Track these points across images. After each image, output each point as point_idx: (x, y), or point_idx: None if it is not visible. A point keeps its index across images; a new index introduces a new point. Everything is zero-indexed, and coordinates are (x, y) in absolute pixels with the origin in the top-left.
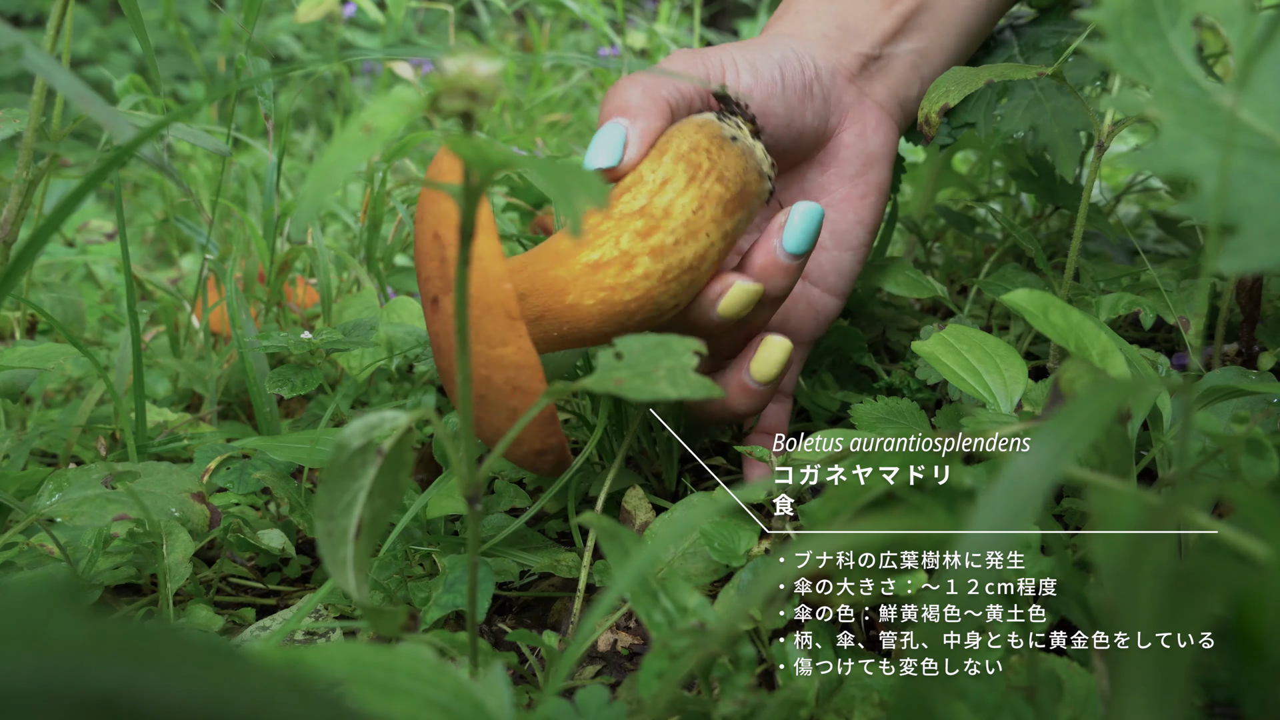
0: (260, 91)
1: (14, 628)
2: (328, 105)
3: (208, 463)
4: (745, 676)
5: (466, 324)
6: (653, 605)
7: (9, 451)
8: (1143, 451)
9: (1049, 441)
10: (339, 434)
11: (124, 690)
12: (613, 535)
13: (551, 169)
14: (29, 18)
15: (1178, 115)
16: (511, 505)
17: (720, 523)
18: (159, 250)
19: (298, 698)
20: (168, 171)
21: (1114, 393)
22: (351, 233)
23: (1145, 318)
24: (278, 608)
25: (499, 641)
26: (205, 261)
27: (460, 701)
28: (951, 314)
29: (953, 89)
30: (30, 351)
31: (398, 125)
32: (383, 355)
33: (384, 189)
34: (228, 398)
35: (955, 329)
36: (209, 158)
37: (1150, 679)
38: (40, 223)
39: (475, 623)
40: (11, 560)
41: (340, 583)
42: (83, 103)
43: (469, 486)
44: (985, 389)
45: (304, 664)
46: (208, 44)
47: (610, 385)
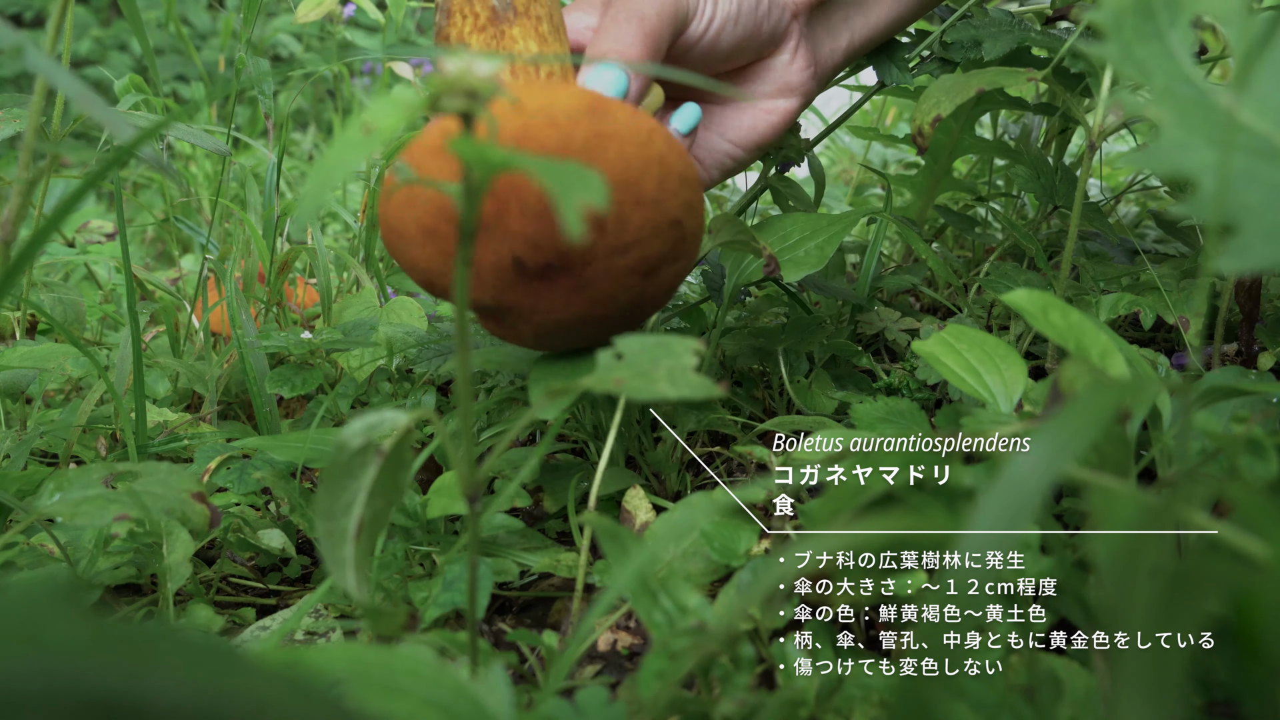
0: (260, 91)
1: (14, 628)
2: (328, 105)
3: (208, 463)
4: (745, 676)
5: (466, 324)
6: (652, 605)
7: (9, 451)
8: (1143, 451)
9: (1049, 441)
10: (339, 434)
11: (124, 690)
12: (612, 535)
13: (551, 168)
14: (29, 18)
15: (1177, 116)
16: (511, 505)
17: (720, 522)
18: (159, 250)
19: (298, 698)
20: (168, 171)
21: (1114, 392)
22: (351, 233)
23: (1145, 318)
24: (278, 608)
25: (499, 641)
26: (205, 261)
27: (460, 701)
28: (951, 314)
29: (943, 99)
30: (30, 351)
31: (398, 125)
32: (382, 355)
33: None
34: (228, 398)
35: (955, 329)
36: (209, 158)
37: (1147, 678)
38: (40, 223)
39: (475, 622)
40: (11, 560)
41: (340, 583)
42: (83, 103)
43: (469, 486)
44: (985, 389)
45: (304, 664)
46: (208, 44)
47: (610, 385)
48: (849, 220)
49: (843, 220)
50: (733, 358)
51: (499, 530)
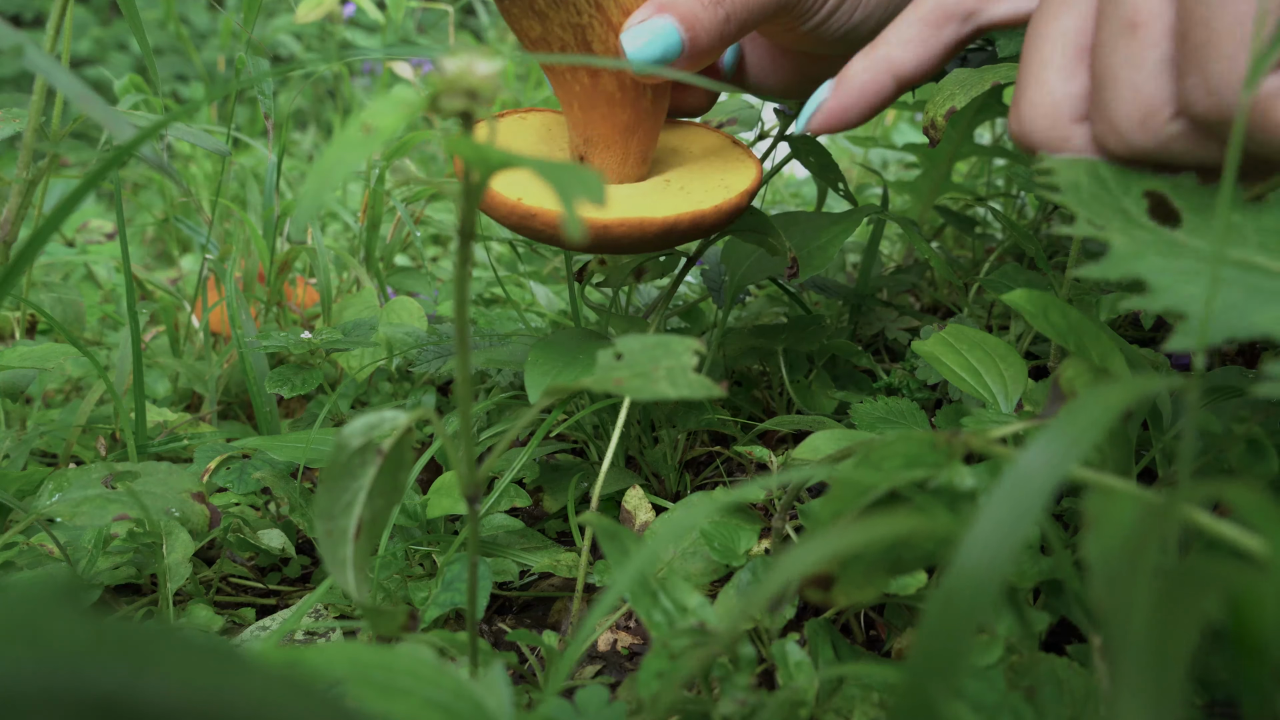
0: (260, 91)
1: (14, 628)
2: (328, 105)
3: (208, 463)
4: (745, 676)
5: (466, 324)
6: (653, 605)
7: (9, 451)
8: (1143, 451)
9: (1055, 441)
10: (339, 434)
11: (124, 690)
12: (612, 535)
13: (551, 168)
14: (29, 18)
15: (1128, 239)
16: (512, 505)
17: (720, 522)
18: (159, 250)
19: (298, 698)
20: (167, 171)
21: (1120, 391)
22: (351, 233)
23: (1145, 318)
24: (278, 608)
25: (499, 641)
26: (205, 261)
27: (460, 701)
28: (951, 314)
29: (958, 92)
30: (30, 351)
31: (397, 125)
32: (382, 355)
33: (383, 188)
34: (228, 398)
35: (955, 329)
36: (209, 158)
37: (1145, 679)
38: (40, 223)
39: (475, 622)
40: (11, 560)
41: (340, 583)
42: (83, 103)
43: (469, 486)
44: (985, 389)
45: (304, 664)
46: (208, 44)
47: (610, 385)
48: (852, 220)
49: (846, 220)
50: (733, 358)
51: (499, 530)
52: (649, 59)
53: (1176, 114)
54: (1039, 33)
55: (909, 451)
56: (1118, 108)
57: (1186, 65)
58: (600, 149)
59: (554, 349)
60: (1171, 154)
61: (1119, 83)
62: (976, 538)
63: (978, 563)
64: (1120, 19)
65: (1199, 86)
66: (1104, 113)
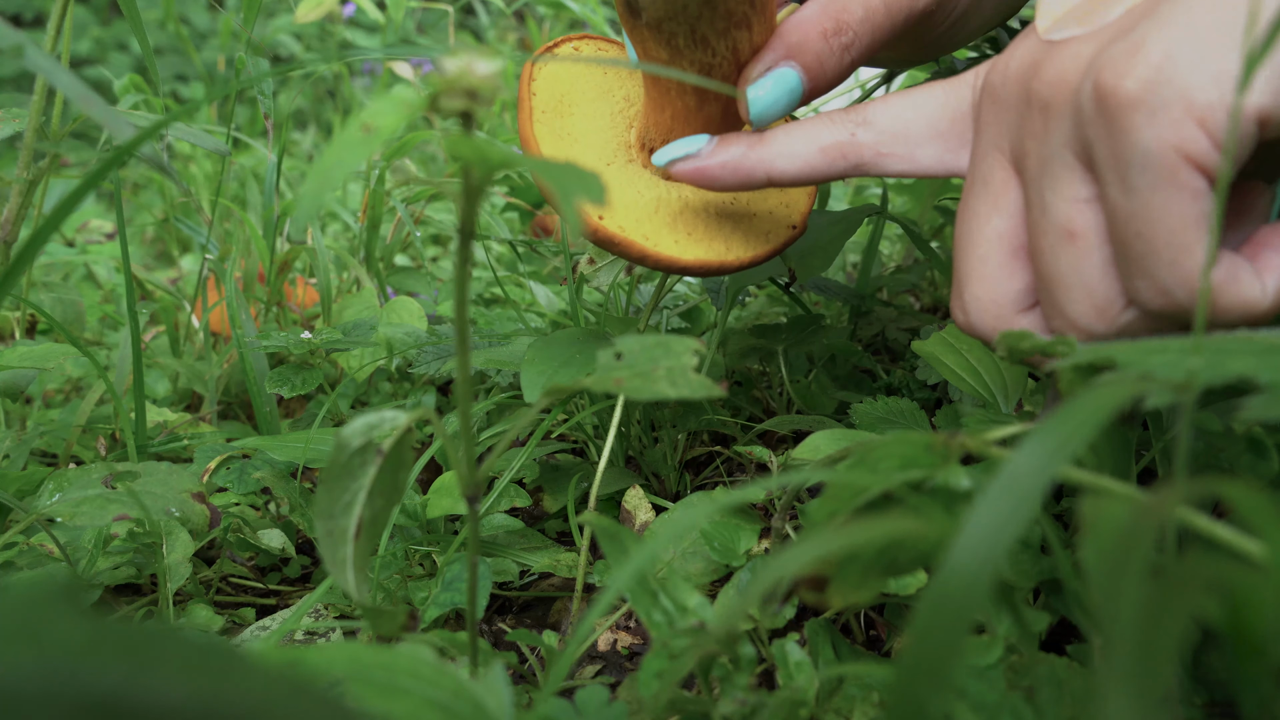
0: (260, 91)
1: (14, 628)
2: (328, 105)
3: (208, 463)
4: (745, 676)
5: (466, 324)
6: (652, 605)
7: (9, 451)
8: (1143, 451)
9: (1046, 441)
10: (339, 434)
11: (124, 690)
12: (612, 535)
13: (551, 168)
14: (29, 18)
15: None
16: (512, 505)
17: (720, 522)
18: (159, 250)
19: (298, 698)
20: (167, 171)
21: (1113, 392)
22: (351, 233)
23: None
24: (278, 608)
25: (499, 641)
26: (205, 261)
27: (460, 701)
28: None
29: None
30: (30, 351)
31: (397, 125)
32: (382, 355)
33: (383, 188)
34: (228, 398)
35: (955, 329)
36: (209, 158)
37: (1132, 674)
38: (40, 223)
39: (475, 622)
40: (11, 560)
41: (340, 583)
42: (83, 103)
43: (469, 486)
44: (985, 389)
45: (304, 664)
46: (208, 44)
47: (610, 385)
48: (854, 221)
49: (848, 221)
50: (733, 358)
51: (499, 530)
52: (768, 110)
53: (1129, 305)
54: (971, 233)
55: (905, 453)
56: (1073, 307)
57: (1132, 271)
58: None
59: (550, 349)
60: (1131, 333)
61: (1070, 286)
62: (967, 538)
63: (969, 562)
64: (1056, 229)
65: (1149, 288)
66: (1059, 310)
